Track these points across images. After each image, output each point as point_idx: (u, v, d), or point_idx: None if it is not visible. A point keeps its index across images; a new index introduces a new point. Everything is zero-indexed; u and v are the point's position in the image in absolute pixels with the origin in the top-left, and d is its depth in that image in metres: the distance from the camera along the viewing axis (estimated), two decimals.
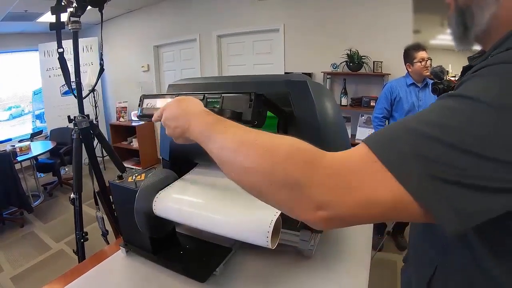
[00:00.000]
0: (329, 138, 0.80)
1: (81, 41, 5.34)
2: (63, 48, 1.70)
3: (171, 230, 1.03)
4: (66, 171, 4.99)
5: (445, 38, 3.20)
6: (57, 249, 2.79)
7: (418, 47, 2.36)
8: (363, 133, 3.30)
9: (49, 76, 5.32)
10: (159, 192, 0.92)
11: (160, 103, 0.82)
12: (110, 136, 5.58)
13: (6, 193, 3.04)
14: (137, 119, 5.23)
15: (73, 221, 1.77)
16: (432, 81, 2.07)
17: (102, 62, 1.88)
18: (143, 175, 0.98)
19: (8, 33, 5.06)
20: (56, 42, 1.68)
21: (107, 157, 5.49)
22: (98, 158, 5.27)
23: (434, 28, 3.20)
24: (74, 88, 1.79)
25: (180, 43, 4.82)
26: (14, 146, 3.70)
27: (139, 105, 0.86)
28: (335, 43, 3.45)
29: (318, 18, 3.57)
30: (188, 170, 1.06)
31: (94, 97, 5.22)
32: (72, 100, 5.51)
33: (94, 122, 1.87)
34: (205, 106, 0.70)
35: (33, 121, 5.94)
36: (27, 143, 3.89)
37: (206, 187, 0.93)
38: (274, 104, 0.80)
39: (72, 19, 1.60)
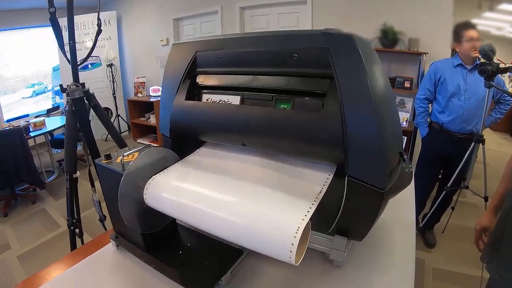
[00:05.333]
0: (383, 112, 0.56)
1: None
2: (55, 8, 1.52)
3: (171, 222, 0.85)
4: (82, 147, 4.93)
5: (481, 23, 2.84)
6: (66, 228, 2.70)
7: (467, 25, 2.11)
8: None
9: (66, 51, 5.21)
10: (152, 177, 0.72)
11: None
12: (128, 111, 5.49)
13: (17, 169, 2.97)
14: (155, 95, 5.09)
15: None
16: None
17: (99, 22, 1.70)
18: (135, 154, 0.79)
19: (25, 9, 4.96)
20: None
21: (125, 133, 5.52)
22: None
23: (469, 10, 2.85)
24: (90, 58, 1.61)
25: (201, 15, 4.57)
26: (28, 121, 3.63)
27: None
28: (368, 16, 3.12)
29: None
30: (193, 151, 0.86)
31: (112, 71, 5.12)
32: (89, 75, 5.46)
33: (91, 91, 1.69)
34: (275, 106, 0.67)
35: (52, 97, 5.93)
36: (41, 118, 3.82)
37: (213, 173, 0.72)
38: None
39: None
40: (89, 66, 5.38)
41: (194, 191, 0.65)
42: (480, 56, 1.91)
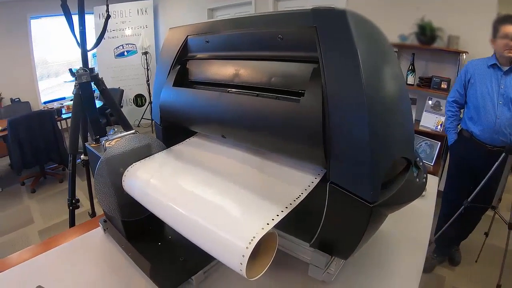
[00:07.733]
0: (380, 107, 0.47)
1: (136, 4, 5.32)
2: None
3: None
4: (116, 131, 5.10)
5: None
6: (87, 208, 2.80)
7: (506, 19, 1.78)
8: (429, 119, 2.76)
9: (103, 38, 5.38)
10: (132, 164, 0.69)
11: None
12: None
13: (48, 148, 3.12)
14: None
15: None
16: None
17: (107, 8, 1.71)
18: (119, 140, 0.76)
19: None
20: None
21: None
22: (146, 121, 5.27)
23: None
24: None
25: (235, 6, 4.55)
26: (62, 104, 3.80)
27: None
28: (405, 10, 2.91)
29: None
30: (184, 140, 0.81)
31: (146, 59, 5.23)
32: (125, 62, 5.57)
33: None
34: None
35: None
36: None
37: (190, 165, 0.67)
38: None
39: None
40: (125, 53, 5.52)
41: (163, 182, 0.60)
42: None
